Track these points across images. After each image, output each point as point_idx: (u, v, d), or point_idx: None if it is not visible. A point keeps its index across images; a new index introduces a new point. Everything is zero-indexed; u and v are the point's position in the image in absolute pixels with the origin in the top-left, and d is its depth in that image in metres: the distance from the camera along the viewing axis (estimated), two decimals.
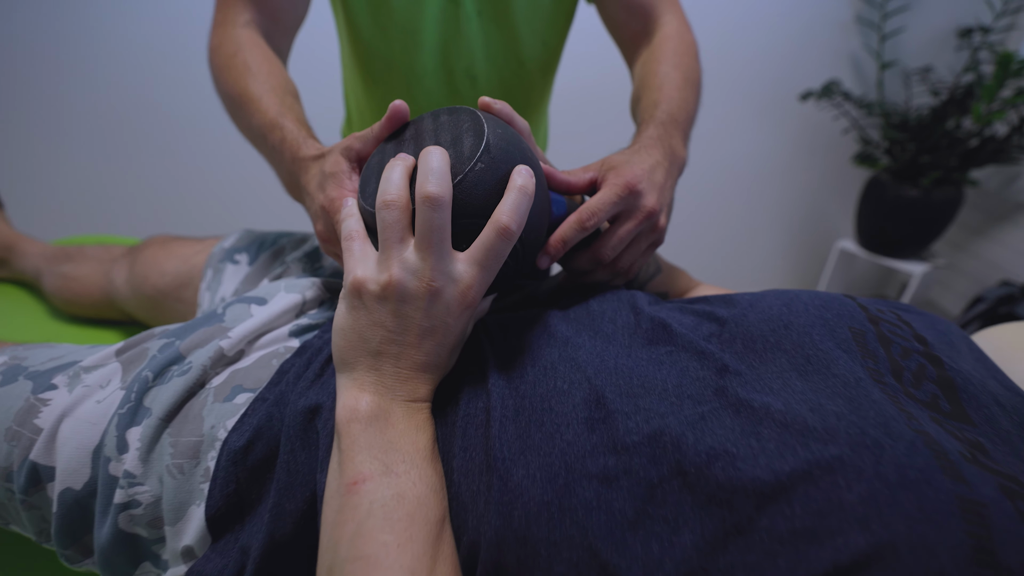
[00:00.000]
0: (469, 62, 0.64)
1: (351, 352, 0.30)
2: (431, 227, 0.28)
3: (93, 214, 1.56)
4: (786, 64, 1.66)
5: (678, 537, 0.23)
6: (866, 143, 1.64)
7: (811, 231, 2.00)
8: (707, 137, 1.75)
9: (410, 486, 0.26)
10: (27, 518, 0.37)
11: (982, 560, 0.19)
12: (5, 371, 0.40)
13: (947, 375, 0.29)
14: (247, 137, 0.50)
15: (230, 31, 0.50)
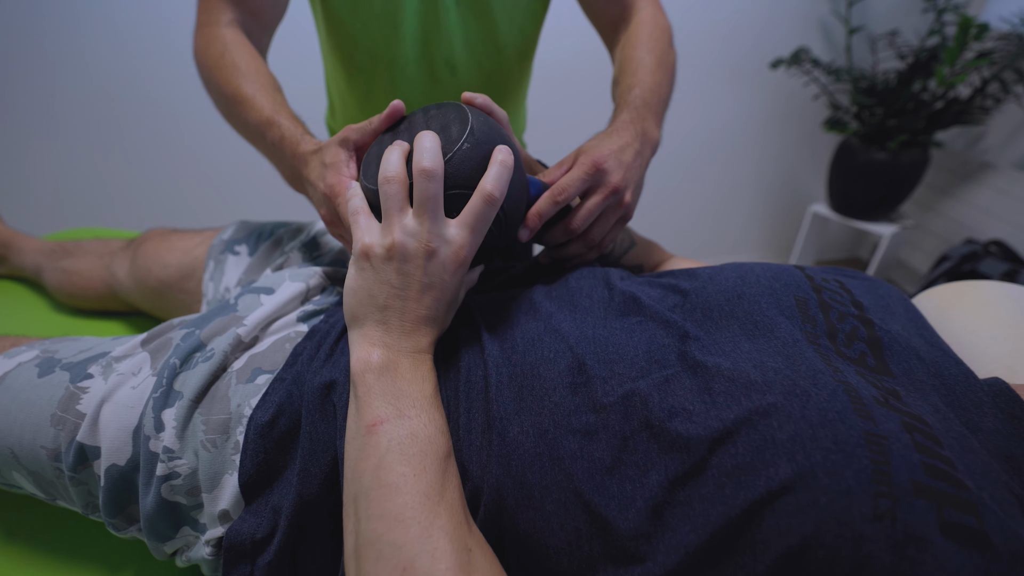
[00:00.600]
0: (449, 51, 0.66)
1: (361, 309, 0.34)
2: (426, 196, 0.33)
3: (79, 208, 1.54)
4: (757, 32, 1.66)
5: (647, 478, 0.28)
6: (836, 108, 1.67)
7: (785, 196, 2.05)
8: (681, 107, 1.76)
9: (420, 427, 0.30)
10: (75, 493, 0.41)
11: (879, 479, 0.23)
12: (40, 363, 0.44)
13: (876, 335, 0.34)
14: (242, 133, 0.52)
15: (215, 31, 0.53)
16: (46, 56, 1.37)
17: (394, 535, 0.26)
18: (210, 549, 0.38)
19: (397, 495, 0.27)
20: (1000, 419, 0.30)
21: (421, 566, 0.25)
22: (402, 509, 0.27)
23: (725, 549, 0.25)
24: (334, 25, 0.64)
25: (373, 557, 0.26)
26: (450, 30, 0.64)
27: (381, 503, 0.27)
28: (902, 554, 0.22)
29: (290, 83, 0.74)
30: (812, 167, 1.98)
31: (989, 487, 0.25)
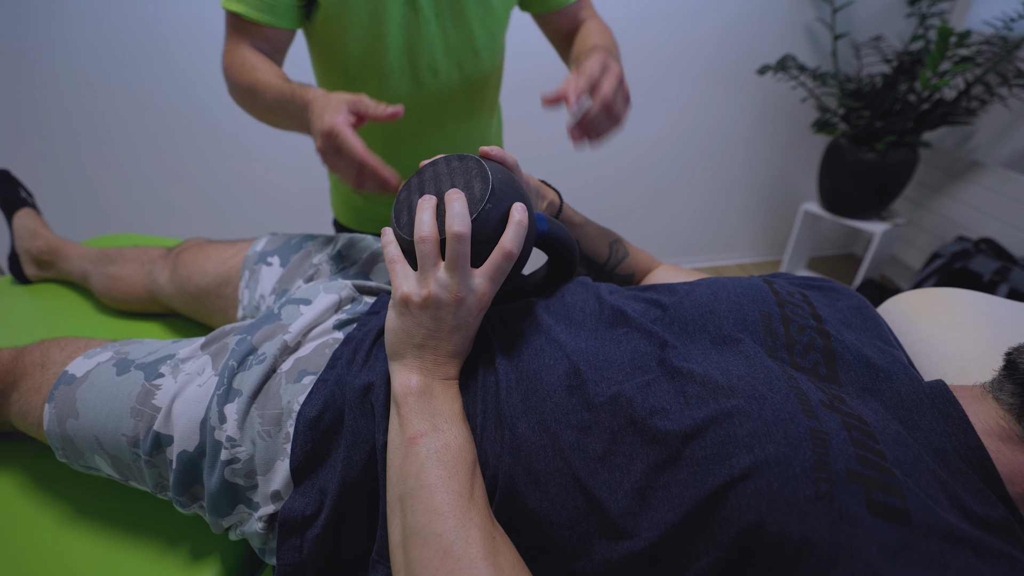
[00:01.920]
0: (431, 57, 0.73)
1: (401, 346, 0.40)
2: (457, 255, 0.38)
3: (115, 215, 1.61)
4: (746, 38, 1.70)
5: (632, 466, 0.33)
6: (824, 111, 1.70)
7: (778, 195, 2.09)
8: (674, 111, 1.80)
9: (452, 439, 0.36)
10: (148, 475, 0.48)
11: (820, 468, 0.29)
12: (116, 363, 0.51)
13: (831, 346, 0.39)
14: (263, 113, 0.65)
15: (238, 51, 0.67)
16: (84, 73, 1.42)
17: (435, 525, 0.32)
18: (262, 524, 0.44)
19: (436, 494, 0.33)
20: (936, 417, 0.34)
21: (458, 550, 0.31)
22: (440, 505, 0.33)
23: (697, 525, 0.30)
24: (327, 41, 0.72)
25: (419, 544, 0.32)
26: (431, 39, 0.71)
27: (424, 500, 0.33)
28: (838, 528, 0.27)
29: None
30: (803, 167, 2.01)
31: (915, 474, 0.29)
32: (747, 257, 2.24)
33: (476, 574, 0.30)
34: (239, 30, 0.67)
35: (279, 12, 0.65)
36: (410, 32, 0.70)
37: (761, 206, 2.11)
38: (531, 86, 1.64)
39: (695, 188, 2.00)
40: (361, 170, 0.52)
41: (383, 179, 0.52)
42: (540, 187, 0.57)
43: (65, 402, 0.50)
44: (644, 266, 0.66)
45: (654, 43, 1.66)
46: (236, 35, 0.67)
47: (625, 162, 1.88)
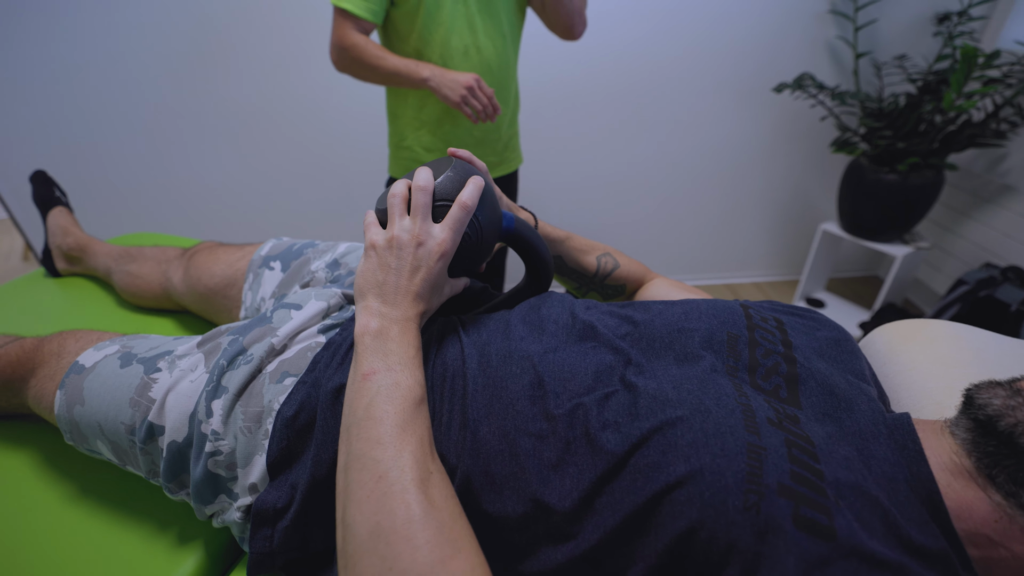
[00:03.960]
0: (474, 40, 1.00)
1: (366, 284, 0.44)
2: (418, 204, 0.44)
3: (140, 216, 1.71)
4: (765, 54, 1.69)
5: (582, 475, 0.35)
6: (843, 130, 1.67)
7: (795, 214, 2.05)
8: (692, 126, 1.80)
9: (402, 379, 0.38)
10: (142, 461, 0.51)
11: (751, 480, 0.30)
12: (121, 356, 0.55)
13: (795, 372, 0.40)
14: (378, 78, 0.98)
15: (351, 36, 0.95)
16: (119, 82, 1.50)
17: (375, 453, 0.34)
18: (240, 514, 0.47)
19: (380, 425, 0.35)
20: (891, 448, 0.34)
21: (392, 476, 0.33)
22: (382, 435, 0.35)
23: (634, 529, 0.32)
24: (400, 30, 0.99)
25: (358, 468, 0.34)
26: (475, 25, 0.99)
27: (368, 430, 0.36)
28: (762, 538, 0.28)
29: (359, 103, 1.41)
30: (822, 186, 1.98)
31: (851, 497, 0.30)
32: (763, 276, 2.20)
33: (407, 499, 0.32)
34: (346, 20, 0.94)
35: (376, 13, 0.94)
36: (460, 22, 0.96)
37: (779, 225, 2.07)
38: (546, 101, 1.67)
39: (711, 204, 1.98)
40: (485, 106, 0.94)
41: (496, 108, 0.96)
42: (513, 206, 0.60)
43: (74, 390, 0.54)
44: (636, 278, 0.67)
45: (670, 57, 1.67)
46: (344, 24, 0.94)
47: (640, 175, 1.88)
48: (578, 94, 1.69)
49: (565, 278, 0.68)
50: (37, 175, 1.08)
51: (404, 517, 0.31)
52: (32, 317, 0.88)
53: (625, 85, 1.70)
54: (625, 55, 1.64)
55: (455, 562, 0.30)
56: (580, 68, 1.64)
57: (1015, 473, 0.31)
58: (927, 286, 1.97)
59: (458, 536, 0.32)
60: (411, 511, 0.32)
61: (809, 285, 2.03)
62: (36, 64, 1.45)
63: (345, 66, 0.99)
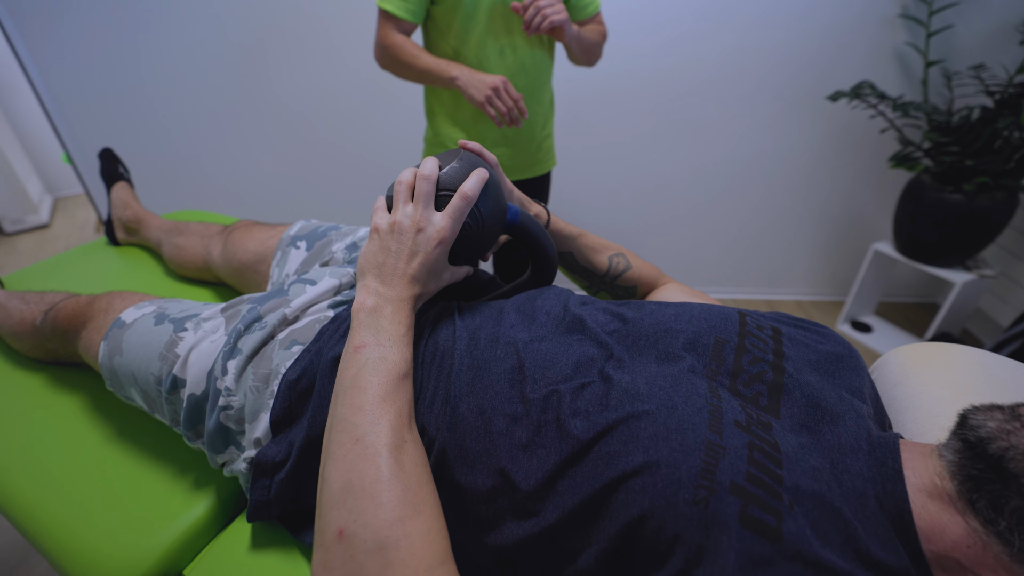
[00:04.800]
0: (510, 39, 1.03)
1: (366, 266, 0.47)
2: (421, 191, 0.47)
3: (191, 194, 1.85)
4: (822, 59, 1.61)
5: (549, 457, 0.37)
6: (905, 144, 1.57)
7: (846, 232, 1.94)
8: (737, 132, 1.74)
9: (389, 354, 0.41)
10: (167, 410, 0.57)
11: (704, 476, 0.31)
12: (156, 316, 0.61)
13: (781, 381, 0.39)
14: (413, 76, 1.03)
15: (392, 36, 1.01)
16: (182, 70, 1.63)
17: (355, 418, 0.37)
18: (245, 465, 0.51)
19: (363, 394, 0.38)
20: (868, 464, 0.34)
21: (368, 440, 0.36)
22: (364, 403, 0.38)
23: (591, 513, 0.34)
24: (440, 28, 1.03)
25: (339, 430, 0.37)
26: (511, 24, 1.02)
27: (352, 397, 0.39)
28: (707, 532, 0.29)
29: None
30: (877, 203, 1.86)
31: (809, 505, 0.30)
32: (807, 294, 2.10)
33: (378, 462, 0.35)
34: (388, 21, 1.00)
35: (415, 13, 0.99)
36: (495, 17, 1.00)
37: (826, 241, 1.97)
38: (584, 101, 1.66)
39: (753, 215, 1.91)
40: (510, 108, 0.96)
41: (522, 112, 0.98)
42: (526, 199, 0.61)
43: (115, 342, 0.60)
44: (648, 281, 0.67)
45: (719, 61, 1.62)
46: (386, 25, 1.01)
47: (678, 180, 1.84)
48: (617, 95, 1.68)
49: (576, 276, 0.69)
50: (105, 152, 1.20)
51: (373, 477, 0.34)
52: (91, 279, 0.98)
53: (668, 87, 1.67)
54: (669, 56, 1.61)
55: (414, 522, 0.32)
56: (620, 68, 1.62)
57: (997, 499, 0.29)
58: (990, 317, 1.82)
59: (421, 500, 0.34)
60: (380, 472, 0.34)
61: (856, 307, 1.92)
62: (113, 56, 1.60)
63: (386, 64, 1.05)
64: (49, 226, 2.85)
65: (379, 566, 0.30)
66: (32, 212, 2.77)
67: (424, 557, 0.31)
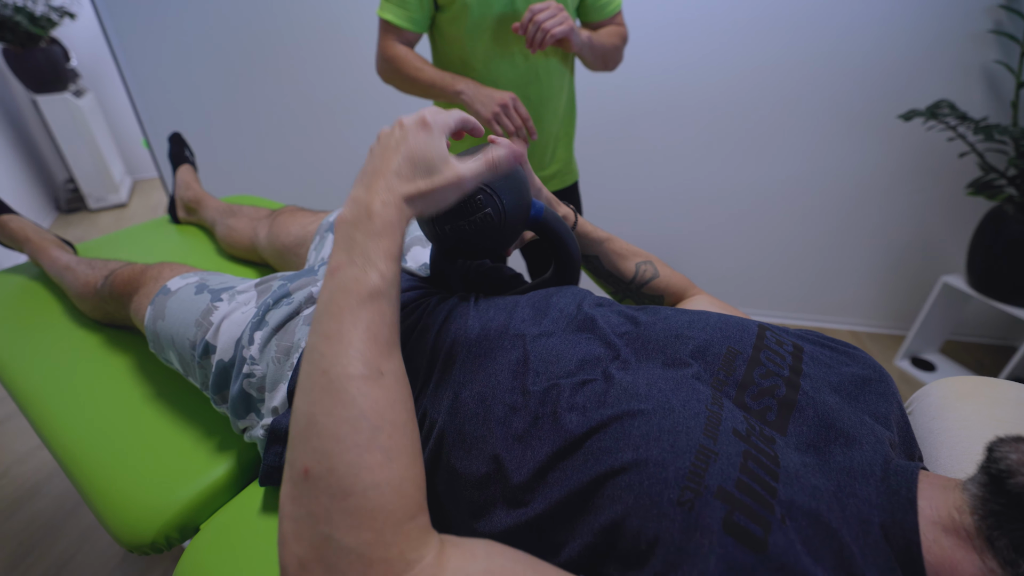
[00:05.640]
0: (520, 45, 0.95)
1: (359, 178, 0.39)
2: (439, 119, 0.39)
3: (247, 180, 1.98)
4: (900, 75, 1.51)
5: (542, 448, 0.36)
6: (987, 170, 1.44)
7: (912, 261, 1.80)
8: (798, 151, 1.66)
9: (362, 273, 0.35)
10: (199, 374, 0.60)
11: (692, 479, 0.30)
12: (197, 286, 0.65)
13: (794, 398, 0.38)
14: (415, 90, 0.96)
15: (394, 47, 0.95)
16: (246, 65, 1.75)
17: (322, 346, 0.33)
18: (263, 431, 0.53)
19: (332, 320, 0.34)
20: (879, 492, 0.32)
21: (332, 372, 0.32)
22: (331, 330, 0.34)
23: (577, 506, 0.33)
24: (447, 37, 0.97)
25: (308, 360, 0.34)
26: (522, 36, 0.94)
27: (323, 323, 0.35)
28: (688, 535, 0.28)
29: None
30: (950, 232, 1.71)
31: (803, 522, 0.29)
32: (864, 325, 1.96)
33: (342, 397, 0.31)
34: (389, 32, 0.95)
35: (418, 22, 0.94)
36: (504, 22, 0.92)
37: (889, 270, 1.83)
38: (634, 119, 1.64)
39: (810, 237, 1.81)
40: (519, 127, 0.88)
41: (531, 131, 0.90)
42: (554, 199, 0.60)
43: (159, 307, 0.64)
44: (676, 291, 0.65)
45: (778, 70, 1.55)
46: (387, 35, 0.96)
47: (732, 197, 1.78)
48: (670, 104, 1.64)
49: (602, 281, 0.68)
50: (174, 136, 1.30)
51: (337, 415, 0.31)
52: (150, 252, 1.06)
53: (723, 97, 1.61)
54: (723, 63, 1.56)
55: (384, 471, 0.30)
56: (673, 76, 1.59)
57: (1020, 539, 0.27)
58: None
59: (393, 445, 0.31)
60: (344, 411, 0.31)
61: (918, 343, 1.77)
62: (190, 52, 1.74)
63: (388, 77, 0.98)
64: (127, 205, 3.12)
65: (344, 513, 0.28)
66: (113, 192, 3.04)
67: (394, 510, 0.29)
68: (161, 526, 0.55)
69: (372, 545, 0.28)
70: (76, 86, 2.85)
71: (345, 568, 0.27)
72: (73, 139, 2.78)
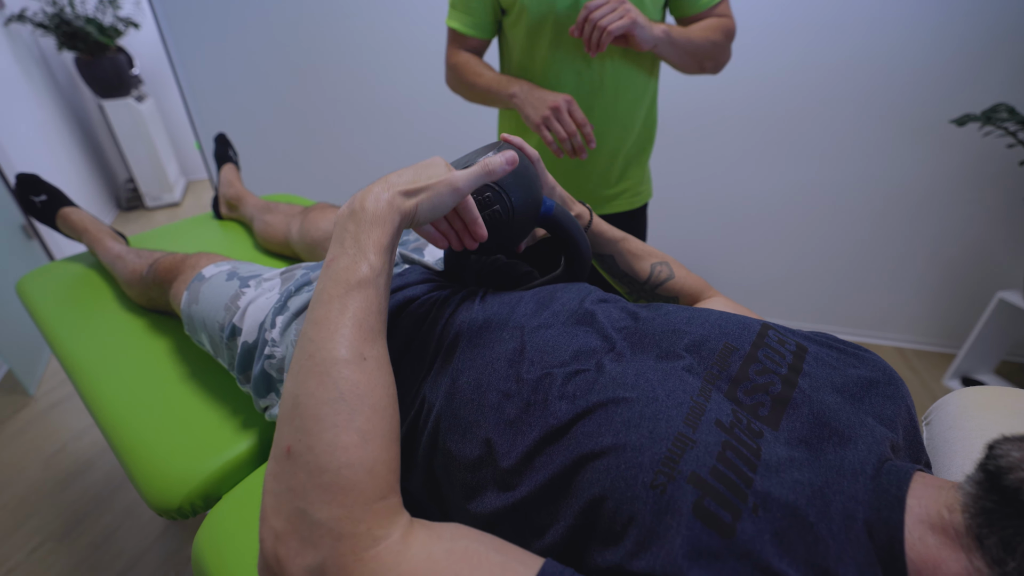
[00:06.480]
0: (582, 53, 0.87)
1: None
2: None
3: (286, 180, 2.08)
4: (954, 78, 1.43)
5: (532, 433, 0.37)
6: None
7: (965, 276, 1.69)
8: (843, 153, 1.60)
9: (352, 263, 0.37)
10: (226, 355, 0.64)
11: (667, 464, 0.31)
12: (228, 273, 0.70)
13: (789, 395, 0.38)
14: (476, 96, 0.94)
15: (460, 55, 0.94)
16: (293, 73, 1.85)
17: (311, 332, 0.36)
18: None
19: (322, 307, 0.36)
20: (867, 489, 0.31)
21: (318, 356, 0.34)
22: (319, 317, 0.36)
23: (559, 489, 0.34)
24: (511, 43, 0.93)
25: (299, 344, 0.36)
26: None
27: (314, 311, 0.37)
28: (660, 517, 0.29)
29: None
30: (1009, 245, 1.60)
31: (777, 514, 0.29)
32: (910, 341, 1.86)
33: (324, 380, 0.33)
34: (455, 40, 0.94)
35: (482, 27, 0.92)
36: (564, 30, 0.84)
37: (940, 285, 1.73)
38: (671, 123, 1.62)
39: (854, 248, 1.73)
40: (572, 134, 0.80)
41: (588, 139, 0.82)
42: (568, 198, 0.61)
43: (194, 292, 0.69)
44: (691, 293, 0.65)
45: (822, 73, 1.50)
46: (453, 44, 0.95)
47: (773, 205, 1.72)
48: (707, 108, 1.62)
49: (617, 281, 0.68)
50: (219, 137, 1.39)
51: (319, 397, 0.32)
52: (193, 244, 1.13)
53: (764, 101, 1.57)
54: (764, 67, 1.53)
55: (359, 451, 0.31)
56: (712, 80, 1.57)
57: (1011, 537, 0.26)
58: None
59: (370, 428, 0.32)
60: (325, 393, 0.32)
61: (970, 363, 1.66)
62: (239, 61, 1.84)
63: (453, 85, 0.97)
64: (180, 204, 3.32)
65: (319, 489, 0.30)
66: (168, 191, 3.24)
67: (365, 489, 0.30)
68: (187, 494, 0.60)
69: (342, 520, 0.29)
70: (138, 92, 3.06)
71: (316, 541, 0.29)
72: (134, 142, 2.99)
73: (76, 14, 2.62)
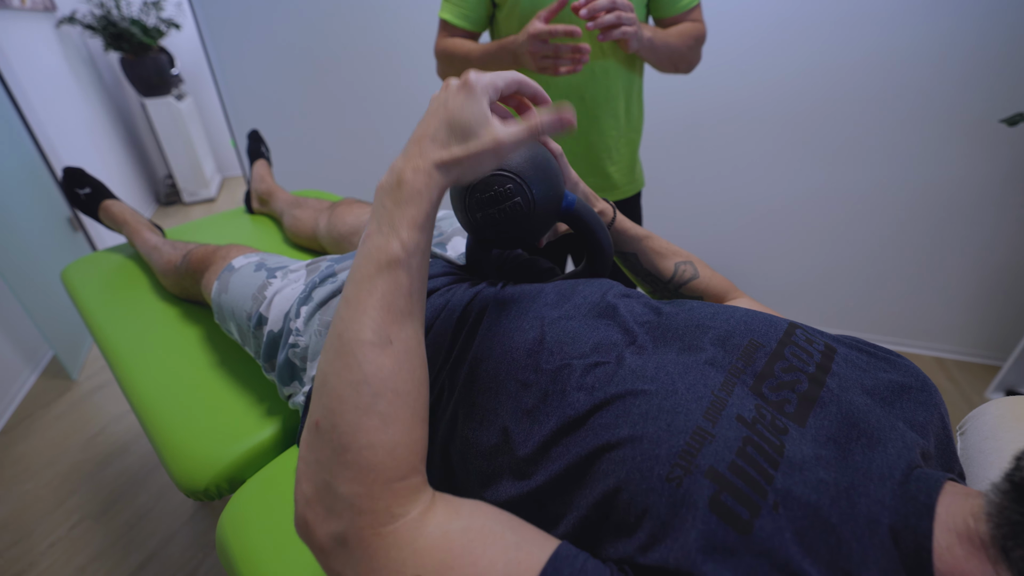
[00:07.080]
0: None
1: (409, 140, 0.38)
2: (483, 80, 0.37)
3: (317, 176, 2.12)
4: (1004, 74, 1.36)
5: (549, 422, 0.38)
6: None
7: (1011, 283, 1.60)
8: (881, 155, 1.53)
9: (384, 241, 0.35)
10: (252, 343, 0.66)
11: (684, 457, 0.31)
12: (256, 264, 0.73)
13: (816, 394, 0.37)
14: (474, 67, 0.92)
15: (444, 41, 0.96)
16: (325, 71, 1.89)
17: (343, 311, 0.35)
18: (303, 399, 0.58)
19: (354, 286, 0.35)
20: (895, 495, 0.30)
21: (346, 335, 0.34)
22: (351, 295, 0.35)
23: (574, 479, 0.34)
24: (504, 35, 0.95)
25: (333, 322, 0.36)
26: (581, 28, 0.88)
27: (348, 289, 0.36)
28: (675, 510, 0.29)
29: None
30: None
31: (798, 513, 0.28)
32: (951, 352, 1.77)
33: (348, 361, 0.33)
34: (447, 30, 0.97)
35: (473, 20, 0.94)
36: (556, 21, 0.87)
37: (985, 293, 1.64)
38: (697, 121, 1.59)
39: (893, 254, 1.65)
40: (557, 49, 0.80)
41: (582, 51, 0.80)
42: (591, 194, 0.61)
43: (224, 282, 0.72)
44: (716, 293, 0.64)
45: (864, 73, 1.45)
46: (443, 34, 0.97)
47: (807, 208, 1.67)
48: (738, 106, 1.58)
49: (640, 279, 0.67)
50: (252, 133, 1.44)
51: (343, 378, 0.32)
52: (225, 237, 1.17)
53: (797, 98, 1.52)
54: (798, 62, 1.48)
55: (379, 434, 0.31)
56: (742, 76, 1.53)
57: None
58: None
59: (391, 412, 0.32)
60: (350, 374, 0.32)
61: (1015, 375, 1.58)
62: (274, 62, 1.89)
63: (444, 72, 0.98)
64: (215, 200, 3.44)
65: (341, 465, 0.31)
66: (204, 187, 3.36)
67: (384, 470, 0.31)
68: (213, 476, 0.62)
69: (362, 497, 0.30)
70: (178, 91, 3.19)
71: (340, 512, 0.30)
72: (173, 139, 3.11)
73: (122, 15, 2.74)
